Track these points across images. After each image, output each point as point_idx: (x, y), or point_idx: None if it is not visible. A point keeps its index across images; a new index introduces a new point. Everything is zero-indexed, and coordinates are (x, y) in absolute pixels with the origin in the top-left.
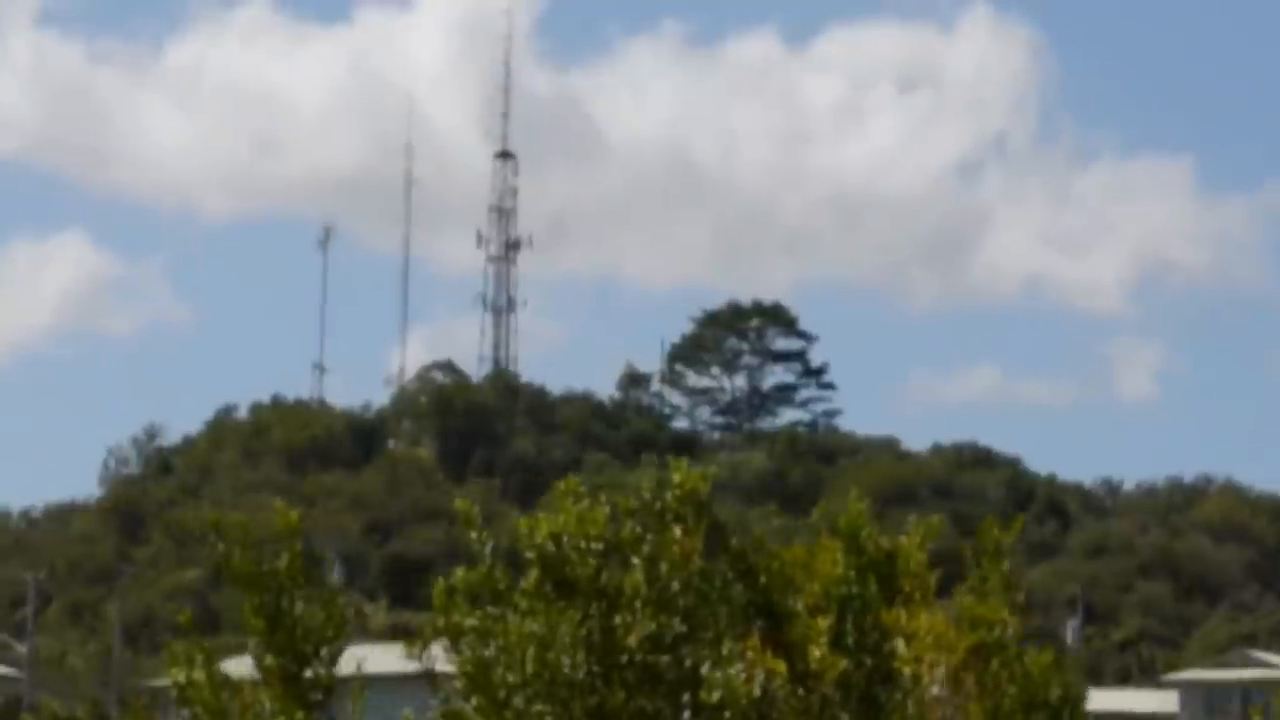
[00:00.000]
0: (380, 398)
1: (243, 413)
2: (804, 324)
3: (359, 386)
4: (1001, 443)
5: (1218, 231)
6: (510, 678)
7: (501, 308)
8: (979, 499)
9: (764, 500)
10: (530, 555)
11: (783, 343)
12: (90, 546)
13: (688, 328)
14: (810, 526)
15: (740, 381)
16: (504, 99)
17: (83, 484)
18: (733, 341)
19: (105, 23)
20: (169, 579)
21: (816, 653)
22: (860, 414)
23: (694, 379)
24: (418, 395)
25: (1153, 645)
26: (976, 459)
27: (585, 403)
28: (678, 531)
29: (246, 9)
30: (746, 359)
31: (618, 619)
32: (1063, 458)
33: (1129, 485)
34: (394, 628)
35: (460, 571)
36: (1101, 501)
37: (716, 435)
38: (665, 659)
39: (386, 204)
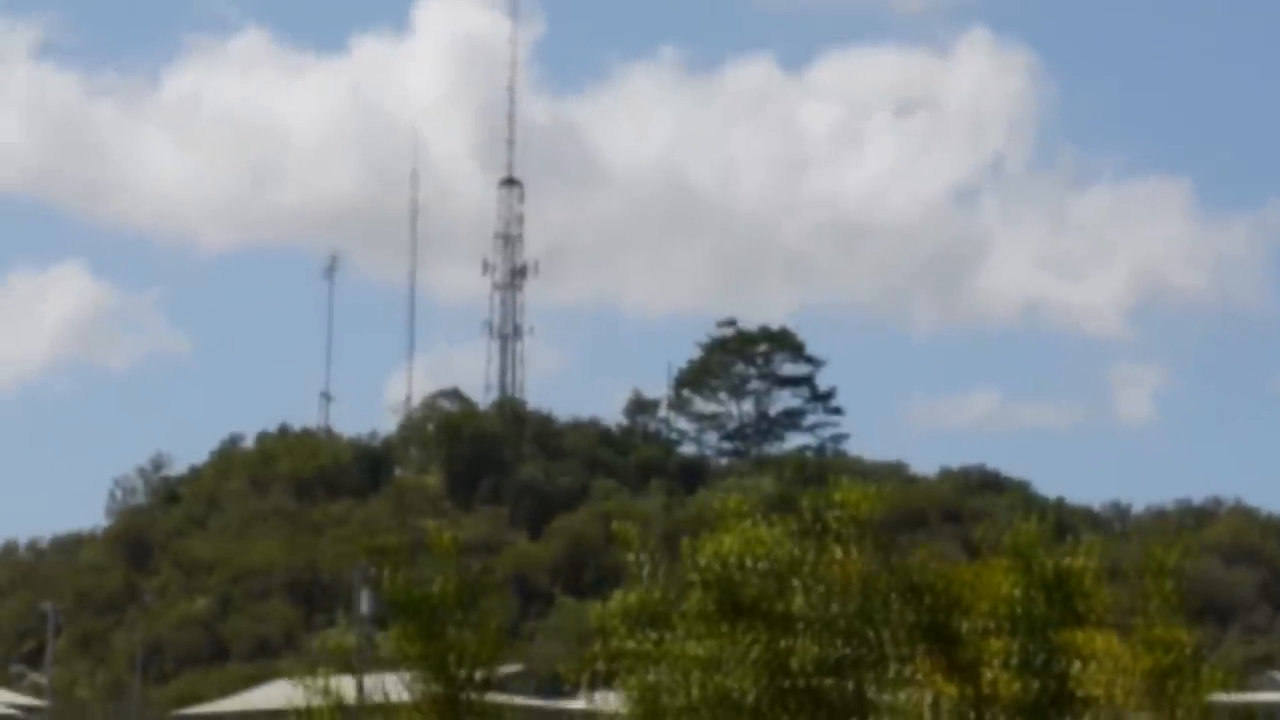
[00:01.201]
0: (387, 426)
1: (249, 442)
2: (805, 349)
3: (365, 415)
4: (1005, 466)
5: (1217, 253)
6: (678, 702)
7: (508, 335)
8: (989, 523)
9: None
10: (697, 577)
11: (790, 368)
12: (98, 577)
13: (694, 353)
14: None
15: (747, 407)
16: (508, 126)
17: (89, 515)
18: (740, 367)
19: (102, 55)
20: (177, 609)
21: (989, 675)
22: (862, 438)
23: (701, 404)
24: (424, 423)
25: None
26: (984, 482)
27: (592, 429)
28: (838, 552)
29: (242, 39)
30: (754, 384)
31: (784, 642)
32: (1067, 481)
33: (1138, 508)
34: None
35: (630, 595)
36: (1111, 524)
37: (724, 461)
38: (833, 683)
39: (388, 233)
